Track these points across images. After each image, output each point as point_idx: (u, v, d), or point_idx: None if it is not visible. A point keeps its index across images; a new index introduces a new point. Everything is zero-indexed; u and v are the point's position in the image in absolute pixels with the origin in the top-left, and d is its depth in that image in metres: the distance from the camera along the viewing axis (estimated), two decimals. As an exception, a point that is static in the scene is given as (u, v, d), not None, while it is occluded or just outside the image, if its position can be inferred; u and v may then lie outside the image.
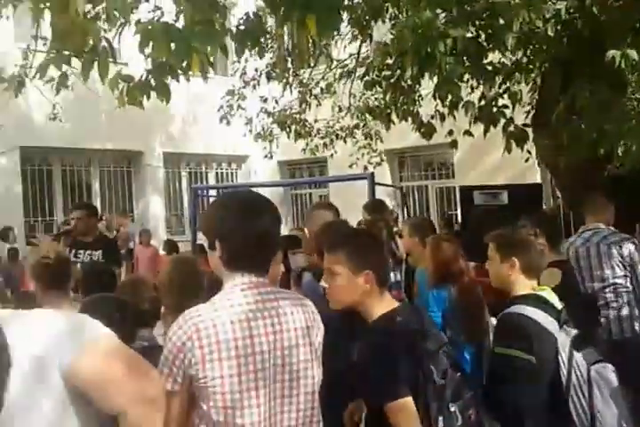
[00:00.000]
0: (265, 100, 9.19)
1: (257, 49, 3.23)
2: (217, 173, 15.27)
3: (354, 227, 3.88)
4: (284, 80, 8.25)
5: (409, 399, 2.09)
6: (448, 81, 4.70)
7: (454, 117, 5.44)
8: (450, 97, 4.97)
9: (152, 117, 12.79)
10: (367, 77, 5.92)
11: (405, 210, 9.24)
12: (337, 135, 9.83)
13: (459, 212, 11.95)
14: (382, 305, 2.28)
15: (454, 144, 5.81)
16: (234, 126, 9.69)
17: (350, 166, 10.26)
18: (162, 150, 13.69)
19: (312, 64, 8.13)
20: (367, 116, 8.65)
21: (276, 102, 9.16)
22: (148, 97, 3.28)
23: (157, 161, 13.68)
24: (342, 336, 2.58)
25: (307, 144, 9.91)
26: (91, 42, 2.91)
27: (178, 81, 3.10)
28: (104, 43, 2.82)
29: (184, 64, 2.87)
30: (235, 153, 14.68)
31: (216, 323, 1.73)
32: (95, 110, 11.25)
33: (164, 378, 1.70)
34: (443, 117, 5.74)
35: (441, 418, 2.12)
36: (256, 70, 8.55)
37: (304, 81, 8.86)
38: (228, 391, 1.71)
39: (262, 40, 3.19)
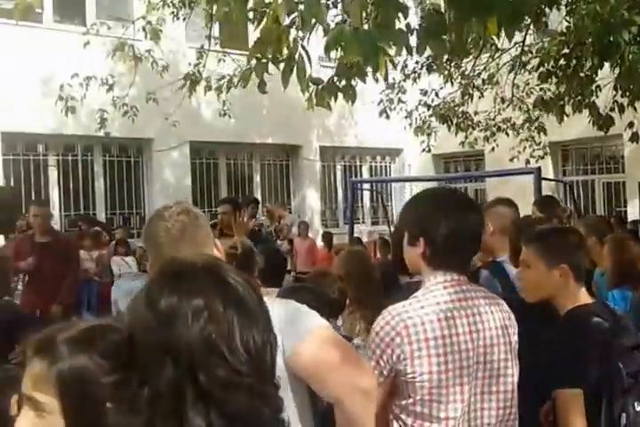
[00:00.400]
0: (425, 93, 9.11)
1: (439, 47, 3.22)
2: (371, 166, 15.41)
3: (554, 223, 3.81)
4: (446, 72, 8.12)
5: (579, 392, 2.05)
6: (631, 71, 4.43)
7: (634, 109, 5.11)
8: (632, 87, 4.67)
9: (310, 112, 13.16)
10: (542, 68, 5.69)
11: (573, 206, 8.79)
12: (499, 128, 9.55)
13: (629, 208, 11.22)
14: (577, 300, 2.27)
15: (635, 138, 5.45)
16: (389, 120, 9.68)
17: (511, 160, 9.93)
18: (319, 144, 14.05)
19: (475, 55, 7.91)
20: (531, 107, 8.32)
21: (436, 95, 9.04)
22: (336, 98, 3.39)
23: (314, 155, 14.07)
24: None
25: (465, 137, 9.71)
26: (285, 49, 3.04)
27: (364, 82, 3.19)
28: (300, 49, 2.93)
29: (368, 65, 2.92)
30: (389, 146, 14.74)
31: (424, 320, 1.77)
32: (258, 106, 11.75)
33: None
34: (622, 109, 5.39)
35: (624, 415, 2.10)
36: (417, 63, 8.49)
37: (466, 72, 8.66)
38: (435, 386, 1.75)
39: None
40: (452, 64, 8.05)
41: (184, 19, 8.38)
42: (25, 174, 10.64)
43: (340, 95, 3.36)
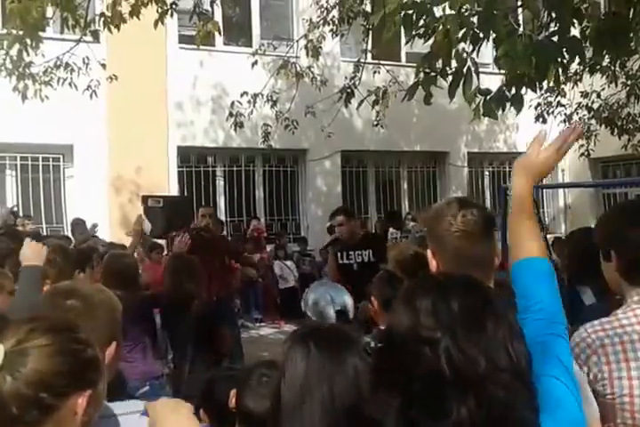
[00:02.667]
0: (586, 95, 8.81)
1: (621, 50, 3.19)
2: (520, 171, 15.04)
3: None
4: (609, 72, 7.78)
5: None
6: None
7: None
8: None
9: (458, 119, 13.18)
10: None
11: None
12: (669, 129, 9.04)
13: None
14: None
15: None
16: (545, 124, 9.46)
17: (679, 164, 9.39)
18: (466, 150, 14.00)
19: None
20: None
21: (598, 96, 8.71)
22: (504, 109, 3.48)
23: (462, 161, 14.04)
24: None
25: (629, 140, 9.27)
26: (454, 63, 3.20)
27: (535, 91, 3.27)
28: (469, 63, 3.07)
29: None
30: (541, 151, 14.33)
31: (624, 340, 1.69)
32: (407, 115, 11.93)
33: None
34: None
35: None
36: (579, 64, 8.22)
37: (630, 72, 8.25)
38: (637, 410, 1.65)
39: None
40: (617, 64, 7.67)
41: (342, 35, 8.74)
42: (196, 184, 11.56)
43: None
